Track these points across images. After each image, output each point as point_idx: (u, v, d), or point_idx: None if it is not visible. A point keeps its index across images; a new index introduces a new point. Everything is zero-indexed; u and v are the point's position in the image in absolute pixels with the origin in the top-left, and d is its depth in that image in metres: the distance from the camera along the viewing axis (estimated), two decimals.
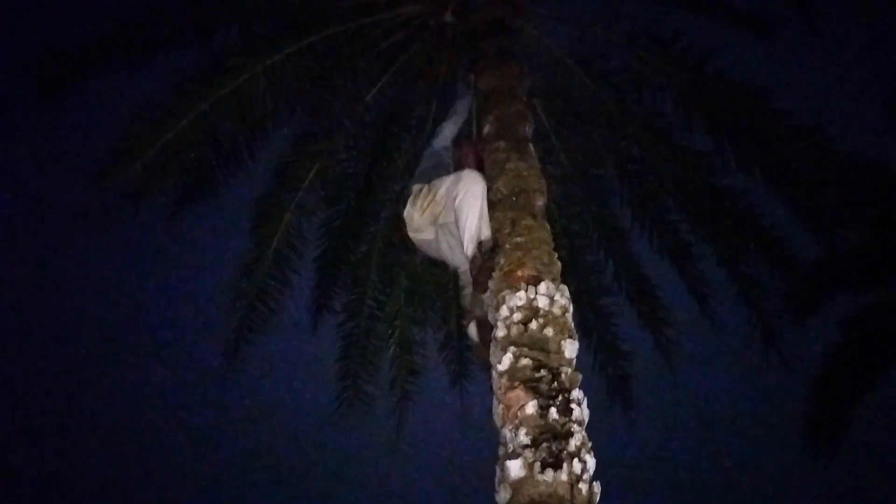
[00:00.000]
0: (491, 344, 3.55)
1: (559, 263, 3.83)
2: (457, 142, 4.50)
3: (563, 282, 3.74)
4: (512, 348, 3.34)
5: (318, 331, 6.17)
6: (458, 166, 4.23)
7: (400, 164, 5.92)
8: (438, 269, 6.12)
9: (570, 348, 3.41)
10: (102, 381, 13.26)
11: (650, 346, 6.30)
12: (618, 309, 6.20)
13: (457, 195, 3.86)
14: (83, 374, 13.13)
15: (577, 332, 3.63)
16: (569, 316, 3.56)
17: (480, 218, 3.84)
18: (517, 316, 3.44)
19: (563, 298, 3.57)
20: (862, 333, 6.78)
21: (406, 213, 4.09)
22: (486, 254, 3.76)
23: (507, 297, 3.54)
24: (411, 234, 4.14)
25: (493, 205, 4.03)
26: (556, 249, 3.93)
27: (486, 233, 3.84)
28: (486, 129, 4.43)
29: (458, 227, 3.87)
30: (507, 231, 3.85)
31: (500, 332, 3.47)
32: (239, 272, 5.60)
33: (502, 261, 3.77)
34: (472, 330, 4.02)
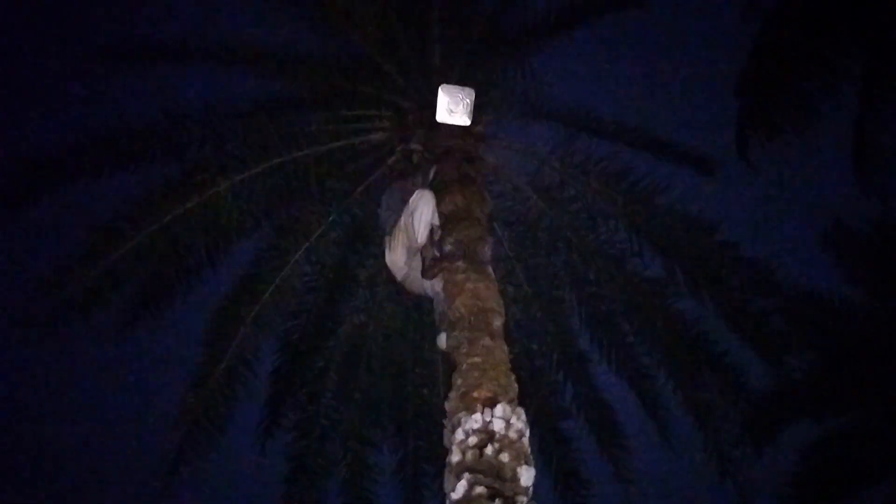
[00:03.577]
0: (445, 470, 3.44)
1: (516, 385, 3.82)
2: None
3: (521, 404, 3.71)
4: (466, 475, 3.24)
5: (265, 451, 5.86)
6: None
7: (362, 280, 5.98)
8: (396, 383, 6.04)
9: (527, 475, 3.32)
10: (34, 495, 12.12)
11: (610, 471, 6.16)
12: (577, 433, 6.10)
13: (414, 201, 4.45)
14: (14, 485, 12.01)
15: (536, 456, 3.56)
16: (525, 441, 3.49)
17: (433, 211, 4.44)
18: (472, 440, 3.37)
19: (519, 422, 3.52)
20: (820, 463, 6.76)
21: (388, 259, 4.63)
22: (436, 242, 4.28)
23: (462, 420, 3.48)
24: (398, 279, 4.67)
25: (451, 324, 4.07)
26: (514, 370, 3.93)
27: (436, 220, 4.40)
28: (447, 249, 4.56)
29: (413, 224, 4.41)
30: (464, 351, 3.85)
31: (455, 457, 3.37)
32: (186, 386, 5.39)
33: (459, 381, 3.74)
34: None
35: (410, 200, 4.52)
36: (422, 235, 4.42)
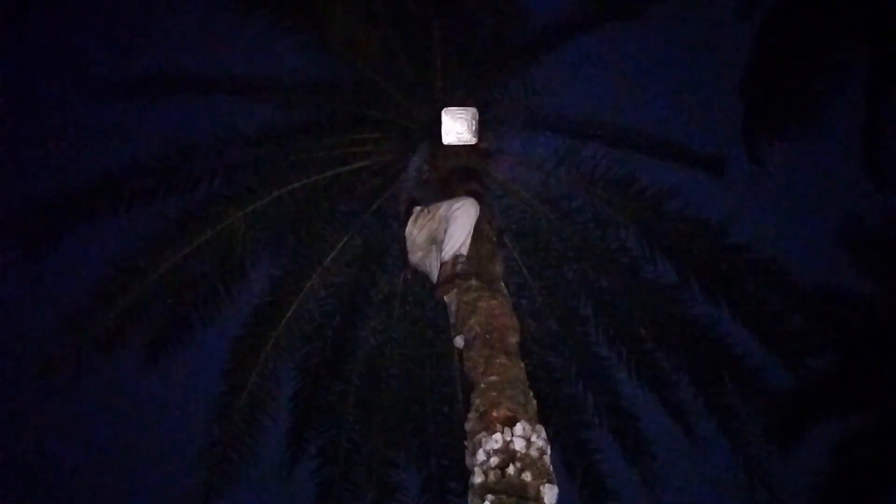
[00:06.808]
0: (469, 491, 3.45)
1: (535, 402, 3.81)
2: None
3: (542, 419, 3.70)
4: (490, 496, 3.23)
5: (291, 478, 5.89)
6: None
7: (377, 301, 6.01)
8: (416, 403, 6.05)
9: (550, 494, 3.31)
10: None
11: (637, 479, 6.11)
12: (601, 444, 6.07)
13: (455, 211, 4.36)
14: None
15: (561, 469, 3.56)
16: (547, 458, 3.48)
17: (467, 235, 4.30)
18: (494, 460, 3.36)
19: (539, 440, 3.51)
20: (849, 462, 6.66)
21: (407, 231, 4.56)
22: (457, 266, 4.22)
23: (483, 441, 3.48)
24: (409, 254, 4.60)
25: (466, 344, 4.07)
26: (534, 384, 3.93)
27: (463, 250, 4.28)
28: (458, 268, 4.57)
29: (445, 232, 4.32)
30: (481, 370, 3.85)
31: (478, 479, 3.37)
32: (210, 418, 5.44)
33: (477, 401, 3.74)
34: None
35: (455, 205, 4.41)
36: (448, 253, 4.34)
